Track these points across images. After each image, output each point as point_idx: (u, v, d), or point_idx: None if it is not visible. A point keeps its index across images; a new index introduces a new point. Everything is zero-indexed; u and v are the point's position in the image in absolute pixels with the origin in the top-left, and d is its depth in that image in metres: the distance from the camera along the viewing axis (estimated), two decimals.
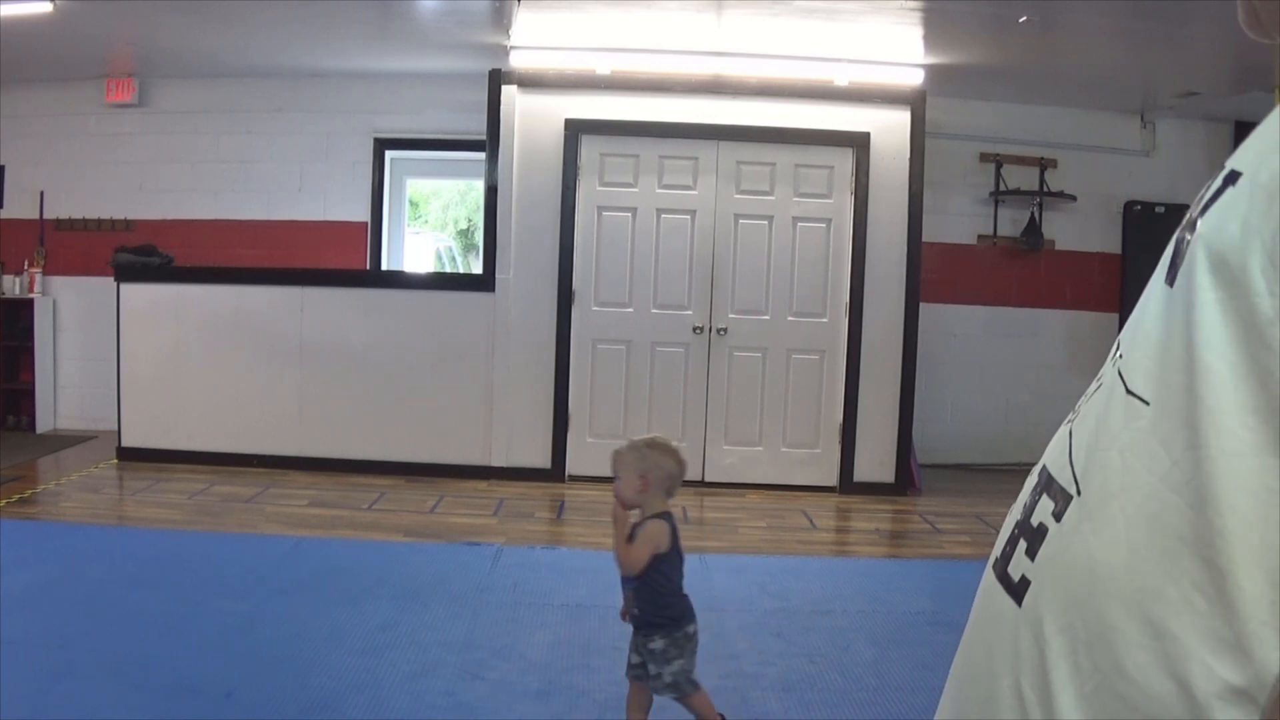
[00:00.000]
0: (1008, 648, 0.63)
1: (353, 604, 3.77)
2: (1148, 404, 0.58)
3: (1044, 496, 0.65)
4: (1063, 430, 0.68)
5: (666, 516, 2.56)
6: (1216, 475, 0.52)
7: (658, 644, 2.54)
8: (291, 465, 5.97)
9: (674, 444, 2.65)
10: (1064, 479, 0.63)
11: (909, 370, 6.02)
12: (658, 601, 2.55)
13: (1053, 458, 0.67)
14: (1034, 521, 0.65)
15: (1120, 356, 0.63)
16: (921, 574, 4.52)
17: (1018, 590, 0.63)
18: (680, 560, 2.59)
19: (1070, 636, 0.58)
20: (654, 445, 2.60)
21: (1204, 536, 0.52)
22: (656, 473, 2.54)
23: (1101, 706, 0.55)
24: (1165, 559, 0.53)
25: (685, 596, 2.60)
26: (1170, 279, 0.58)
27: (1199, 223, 0.56)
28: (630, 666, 2.62)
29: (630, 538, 2.54)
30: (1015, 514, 0.69)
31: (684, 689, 2.57)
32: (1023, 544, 0.65)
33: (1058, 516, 0.62)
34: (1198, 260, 0.55)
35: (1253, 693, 0.50)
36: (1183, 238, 0.58)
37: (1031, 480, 0.69)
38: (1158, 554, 0.54)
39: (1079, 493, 0.61)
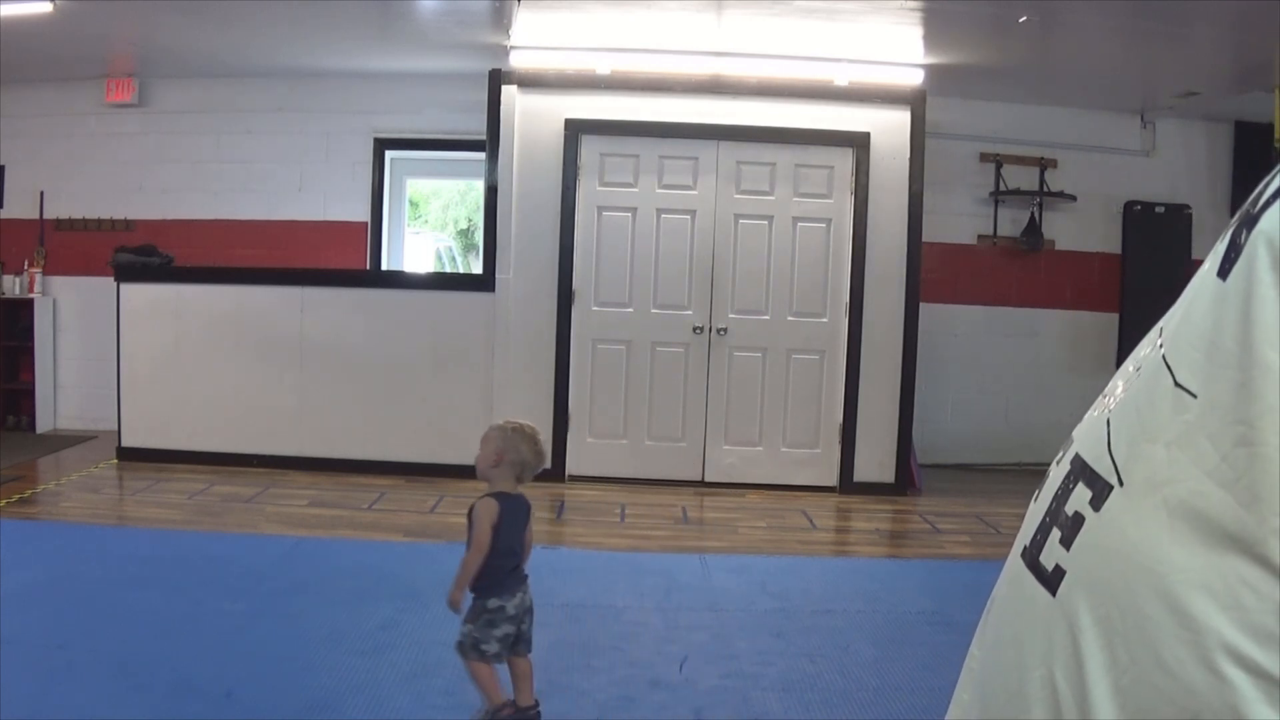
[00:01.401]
0: (1039, 638, 0.62)
1: (353, 604, 3.77)
2: (1195, 397, 0.57)
3: (1079, 485, 0.63)
4: (1097, 417, 0.66)
5: (501, 497, 2.73)
6: (1273, 474, 0.51)
7: (470, 601, 2.71)
8: (291, 465, 5.97)
9: (539, 435, 2.79)
10: (1103, 468, 0.62)
11: (909, 370, 6.02)
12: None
13: (1087, 446, 0.65)
14: (1069, 510, 0.63)
15: (1162, 345, 0.62)
16: (921, 574, 4.52)
17: (1051, 580, 0.62)
18: (504, 541, 2.71)
19: (1107, 627, 0.57)
20: (519, 430, 2.77)
21: (1256, 534, 0.51)
22: (512, 454, 2.73)
23: (1138, 698, 0.55)
24: (1211, 554, 0.53)
25: (502, 576, 2.71)
26: (1224, 273, 0.58)
27: (1260, 219, 0.55)
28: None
29: (469, 520, 2.72)
30: (1045, 502, 0.68)
31: (464, 651, 2.71)
32: (1056, 533, 0.64)
33: (1096, 506, 0.61)
34: (1258, 256, 0.54)
35: None
36: (1239, 232, 0.57)
37: (1062, 468, 0.67)
38: (1203, 548, 0.53)
39: (1121, 483, 0.60)
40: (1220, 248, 0.59)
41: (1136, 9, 4.70)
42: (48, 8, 5.08)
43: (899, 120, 5.95)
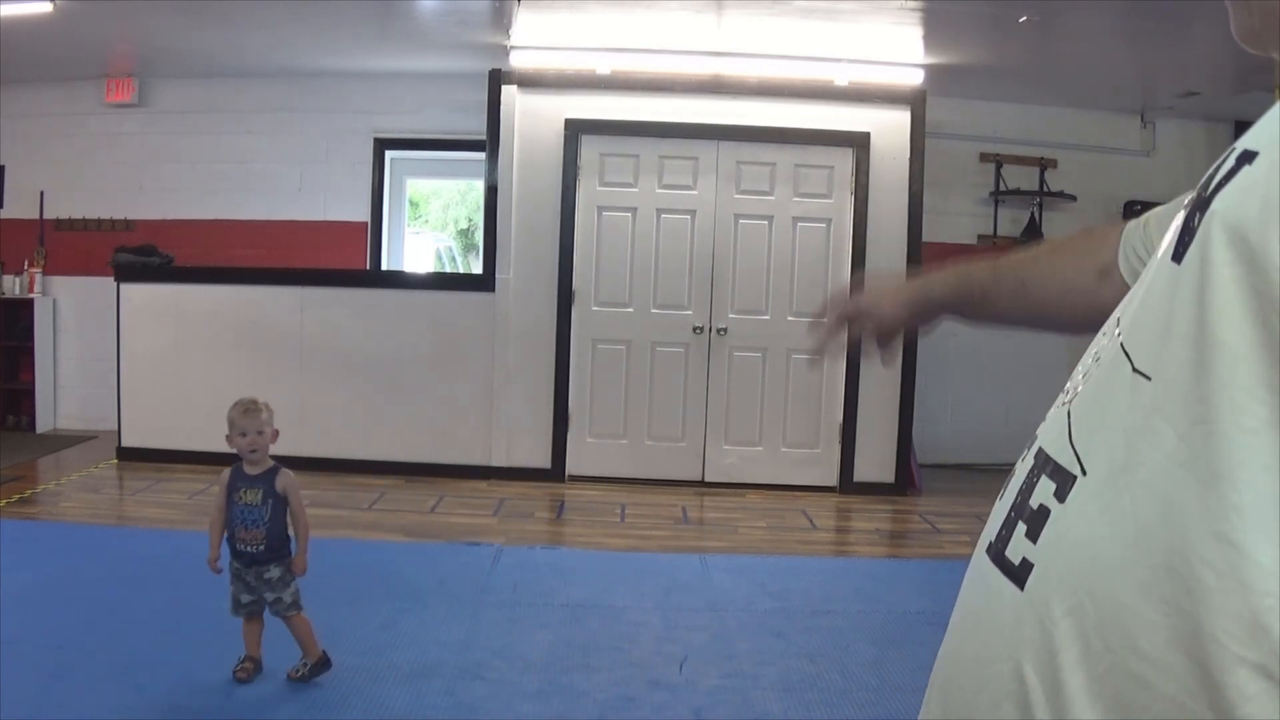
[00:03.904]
0: (1008, 631, 0.62)
1: (353, 604, 3.77)
2: (1150, 380, 0.58)
3: (1043, 478, 0.64)
4: (1059, 411, 0.67)
5: (279, 463, 3.17)
6: (1231, 451, 0.52)
7: (274, 572, 3.00)
8: (291, 465, 5.90)
9: (243, 400, 3.24)
10: (1065, 460, 0.63)
11: (909, 370, 6.02)
12: (284, 535, 3.02)
13: (1050, 439, 0.66)
14: (1034, 504, 0.64)
15: (1120, 334, 0.63)
16: (921, 574, 4.52)
17: (1019, 573, 0.63)
18: None
19: (1079, 618, 0.57)
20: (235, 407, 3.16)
21: (1218, 512, 0.52)
22: (233, 430, 3.15)
23: (1115, 687, 0.55)
24: (1175, 536, 0.53)
25: None
26: (1177, 257, 0.58)
27: (1214, 201, 0.56)
28: (241, 605, 3.03)
29: (278, 491, 3.07)
30: (1009, 497, 0.68)
31: (299, 605, 3.03)
32: (1021, 527, 0.64)
33: (1061, 497, 0.62)
34: (1213, 237, 0.55)
35: (1269, 667, 0.50)
36: (1193, 216, 0.58)
37: (1026, 463, 0.68)
38: (1167, 531, 0.54)
39: (1084, 473, 0.61)
40: (1173, 233, 0.60)
41: (1136, 9, 4.70)
42: (48, 8, 5.08)
43: (899, 120, 5.95)
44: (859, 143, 5.95)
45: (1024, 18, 4.90)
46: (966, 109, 6.62)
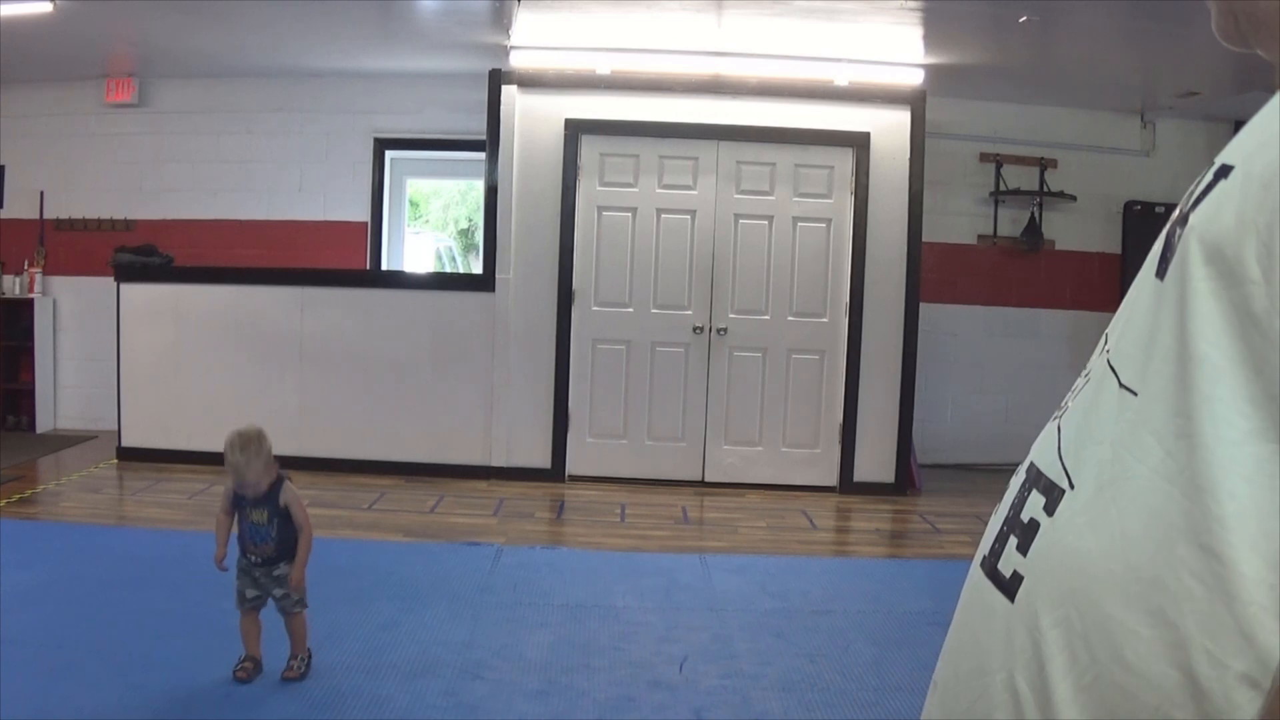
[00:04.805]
0: (999, 644, 0.63)
1: (353, 604, 3.77)
2: (1136, 395, 0.58)
3: (1034, 492, 0.65)
4: (1050, 427, 0.68)
5: (284, 476, 3.25)
6: (1213, 463, 0.52)
7: (285, 569, 3.07)
8: (291, 465, 5.88)
9: (234, 440, 3.25)
10: (1054, 474, 0.63)
11: (909, 370, 6.02)
12: (293, 539, 3.09)
13: (1040, 454, 0.67)
14: (1024, 517, 0.65)
15: (1108, 351, 0.63)
16: (921, 574, 4.52)
17: (1009, 586, 0.63)
18: None
19: (1067, 629, 0.58)
20: (229, 445, 3.23)
21: (1201, 524, 0.52)
22: (230, 467, 3.17)
23: (1100, 698, 0.55)
24: (1160, 548, 0.54)
25: None
26: (1160, 273, 0.59)
27: (1191, 216, 0.57)
28: (247, 600, 3.08)
29: (280, 507, 3.10)
30: (1002, 512, 0.69)
31: (305, 602, 3.11)
32: (1013, 540, 0.65)
33: (1050, 511, 0.62)
34: (1191, 252, 0.55)
35: (1255, 676, 0.50)
36: (1173, 232, 0.59)
37: (1018, 478, 0.69)
38: (1153, 544, 0.54)
39: (1072, 486, 0.61)
40: (1157, 249, 0.61)
41: (1136, 9, 4.70)
42: (48, 8, 5.08)
43: (899, 120, 5.95)
44: (859, 143, 5.95)
45: (1024, 18, 4.90)
46: (966, 109, 6.63)
